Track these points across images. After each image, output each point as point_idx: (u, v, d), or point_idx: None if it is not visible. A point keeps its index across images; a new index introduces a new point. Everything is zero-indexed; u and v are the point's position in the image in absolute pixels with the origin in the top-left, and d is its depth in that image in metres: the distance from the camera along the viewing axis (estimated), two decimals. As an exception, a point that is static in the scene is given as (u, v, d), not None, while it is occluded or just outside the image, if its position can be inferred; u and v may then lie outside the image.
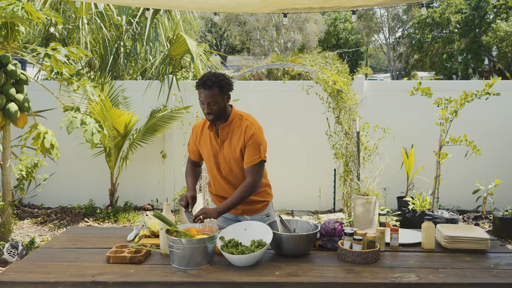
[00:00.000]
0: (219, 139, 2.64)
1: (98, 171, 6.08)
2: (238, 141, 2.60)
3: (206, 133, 2.70)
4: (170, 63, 6.31)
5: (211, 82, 2.50)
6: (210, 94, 2.50)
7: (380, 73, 33.63)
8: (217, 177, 2.72)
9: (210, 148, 2.68)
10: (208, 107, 2.52)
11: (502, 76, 19.99)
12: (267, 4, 4.11)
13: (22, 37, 6.17)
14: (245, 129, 2.59)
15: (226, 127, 2.62)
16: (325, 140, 5.69)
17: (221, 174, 2.69)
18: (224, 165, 2.66)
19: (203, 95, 2.51)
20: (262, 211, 2.76)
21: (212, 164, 2.70)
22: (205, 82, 2.50)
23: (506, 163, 5.91)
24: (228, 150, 2.62)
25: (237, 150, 2.60)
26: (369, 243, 2.26)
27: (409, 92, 4.89)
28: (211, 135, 2.67)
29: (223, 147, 2.64)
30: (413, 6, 24.17)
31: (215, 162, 2.69)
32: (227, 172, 2.67)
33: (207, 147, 2.69)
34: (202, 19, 22.89)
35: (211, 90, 2.50)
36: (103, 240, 2.57)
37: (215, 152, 2.67)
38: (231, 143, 2.62)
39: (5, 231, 4.40)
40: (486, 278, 2.03)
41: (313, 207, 6.14)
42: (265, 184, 2.79)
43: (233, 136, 2.61)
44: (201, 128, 2.74)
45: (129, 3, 4.86)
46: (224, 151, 2.64)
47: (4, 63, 4.15)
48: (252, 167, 2.58)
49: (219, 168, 2.69)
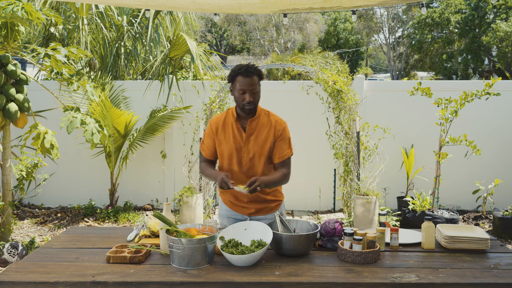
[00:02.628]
0: (246, 133, 2.62)
1: (98, 171, 6.08)
2: (268, 135, 2.61)
3: (228, 127, 2.66)
4: (170, 63, 6.31)
5: (253, 69, 2.53)
6: (252, 82, 2.53)
7: (380, 73, 33.63)
8: (237, 173, 2.66)
9: (233, 142, 2.64)
10: (250, 95, 2.53)
11: (502, 76, 20.00)
12: (267, 4, 4.11)
13: (22, 37, 6.17)
14: (275, 124, 2.64)
15: (255, 121, 2.62)
16: (325, 140, 5.69)
17: (242, 169, 2.66)
18: (247, 159, 2.63)
19: (245, 83, 2.52)
20: (275, 210, 2.75)
21: (233, 158, 2.65)
22: (247, 70, 2.52)
23: (506, 163, 5.91)
24: (254, 144, 2.61)
25: (266, 145, 2.61)
26: (369, 243, 2.26)
27: (409, 92, 4.89)
28: (235, 129, 2.64)
29: (249, 141, 2.62)
30: (413, 6, 24.18)
31: (237, 156, 2.64)
32: (248, 167, 2.65)
33: (229, 142, 2.65)
34: (202, 19, 22.91)
35: (252, 78, 2.53)
36: (103, 240, 2.57)
37: (238, 146, 2.63)
38: (258, 137, 2.62)
39: (5, 231, 4.40)
40: (486, 278, 2.03)
41: (313, 207, 6.14)
42: None
43: (262, 131, 2.62)
44: (222, 121, 2.69)
45: (128, 4, 4.86)
46: (249, 145, 2.62)
47: (4, 63, 4.16)
48: (285, 161, 2.63)
49: (240, 162, 2.65)
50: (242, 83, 2.52)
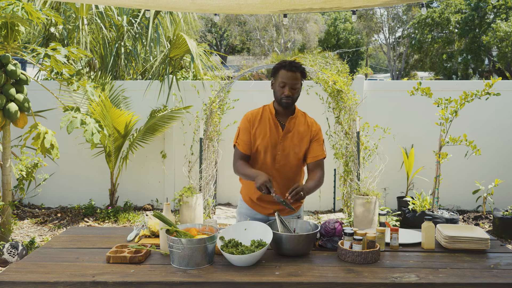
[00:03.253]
0: (283, 130, 2.64)
1: (98, 171, 6.08)
2: (304, 135, 2.64)
3: (266, 122, 2.66)
4: (170, 63, 6.31)
5: (298, 66, 2.56)
6: (295, 76, 2.54)
7: (380, 73, 33.63)
8: (270, 169, 2.65)
9: (269, 138, 2.64)
10: (290, 89, 2.55)
11: (502, 76, 19.99)
12: (267, 4, 4.11)
13: (22, 37, 6.17)
14: (311, 125, 2.68)
15: (294, 119, 2.65)
16: (325, 140, 5.69)
17: (275, 165, 2.66)
18: (282, 156, 2.64)
19: (286, 76, 2.54)
20: (296, 211, 2.75)
21: (268, 154, 2.65)
22: (291, 64, 2.55)
23: (506, 163, 5.91)
24: (291, 142, 2.63)
25: (302, 144, 2.64)
26: (369, 243, 2.26)
27: (409, 92, 4.89)
28: (273, 125, 2.65)
29: (286, 138, 2.63)
30: (413, 6, 24.18)
31: (272, 152, 2.64)
32: (281, 164, 2.66)
33: (265, 137, 2.64)
34: (202, 19, 22.90)
35: (295, 73, 2.54)
36: (103, 240, 2.57)
37: (274, 142, 2.64)
38: (295, 135, 2.64)
39: (5, 231, 4.40)
40: (486, 278, 2.03)
41: (313, 207, 6.14)
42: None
43: (299, 130, 2.64)
44: (259, 116, 2.69)
45: (128, 5, 4.86)
46: (286, 142, 2.63)
47: (4, 63, 4.16)
48: (319, 161, 2.66)
49: (274, 159, 2.65)
50: (284, 76, 2.54)
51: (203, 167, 5.50)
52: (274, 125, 2.65)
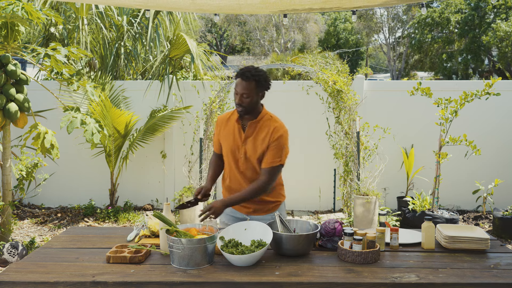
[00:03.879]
0: (244, 134, 2.64)
1: (98, 171, 6.08)
2: (264, 140, 2.61)
3: (231, 125, 2.69)
4: (170, 63, 6.31)
5: (250, 75, 2.53)
6: (246, 86, 2.53)
7: (380, 73, 33.62)
8: (234, 171, 2.69)
9: (232, 141, 2.67)
10: (240, 98, 2.54)
11: (502, 76, 19.99)
12: (267, 5, 4.11)
13: (22, 37, 6.17)
14: (273, 130, 2.61)
15: (254, 124, 2.64)
16: (325, 140, 5.69)
17: (238, 169, 2.68)
18: (243, 160, 2.65)
19: (238, 85, 2.55)
20: (274, 211, 2.75)
21: (230, 157, 2.68)
22: (244, 73, 2.54)
23: (506, 163, 5.91)
24: (251, 147, 2.63)
25: (259, 149, 2.61)
26: (369, 243, 2.26)
27: (409, 92, 4.89)
28: (236, 129, 2.66)
29: (246, 143, 2.64)
30: (413, 6, 24.18)
31: (234, 156, 2.67)
32: (244, 168, 2.67)
33: (228, 140, 2.68)
34: (202, 19, 22.90)
35: (247, 82, 2.53)
36: (103, 240, 2.57)
37: (236, 146, 2.66)
38: (255, 141, 2.62)
39: (5, 231, 4.40)
40: (486, 278, 2.03)
41: (313, 207, 6.14)
42: (278, 183, 2.78)
43: (259, 135, 2.62)
44: (226, 120, 2.73)
45: (128, 5, 4.86)
46: (246, 147, 2.64)
47: (4, 63, 4.16)
48: (270, 168, 2.59)
49: (237, 162, 2.67)
50: (238, 85, 2.56)
51: (203, 167, 5.50)
52: (237, 129, 2.66)
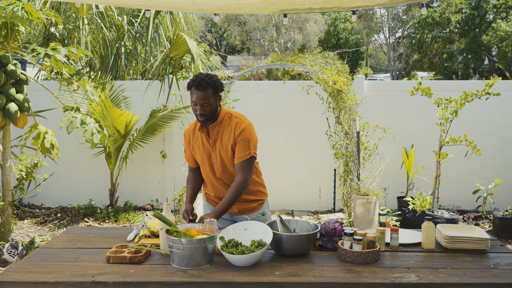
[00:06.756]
0: (211, 139, 2.65)
1: (98, 171, 6.08)
2: (229, 138, 2.60)
3: (197, 135, 2.71)
4: (170, 63, 6.31)
5: (206, 83, 2.50)
6: (204, 95, 2.50)
7: (380, 73, 33.64)
8: (212, 179, 2.73)
9: (203, 150, 2.69)
10: (201, 108, 2.52)
11: (502, 76, 20.00)
12: (267, 4, 4.11)
13: (22, 37, 6.17)
14: (235, 126, 2.60)
15: (217, 127, 2.63)
16: (325, 140, 5.69)
17: (215, 175, 2.70)
18: (218, 165, 2.67)
19: (196, 96, 2.51)
20: (258, 210, 2.78)
21: (206, 165, 2.71)
22: (199, 83, 2.50)
23: (506, 163, 5.91)
24: (220, 149, 2.63)
25: (228, 148, 2.61)
26: (369, 243, 2.26)
27: (409, 92, 4.89)
28: (203, 137, 2.67)
29: (216, 147, 2.65)
30: (413, 6, 24.17)
31: (209, 163, 2.69)
32: (220, 172, 2.68)
33: (200, 150, 2.70)
34: (202, 19, 22.91)
35: (205, 91, 2.50)
36: (103, 240, 2.57)
37: (208, 153, 2.68)
38: (222, 141, 2.63)
39: (5, 231, 4.40)
40: (486, 278, 2.03)
41: (313, 207, 6.15)
42: (259, 184, 2.80)
43: (224, 135, 2.62)
44: (192, 131, 2.75)
45: (128, 5, 4.86)
46: (217, 150, 2.65)
47: (4, 63, 4.16)
48: (243, 163, 2.59)
49: (213, 169, 2.70)
50: (195, 96, 2.52)
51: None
52: (204, 137, 2.67)
